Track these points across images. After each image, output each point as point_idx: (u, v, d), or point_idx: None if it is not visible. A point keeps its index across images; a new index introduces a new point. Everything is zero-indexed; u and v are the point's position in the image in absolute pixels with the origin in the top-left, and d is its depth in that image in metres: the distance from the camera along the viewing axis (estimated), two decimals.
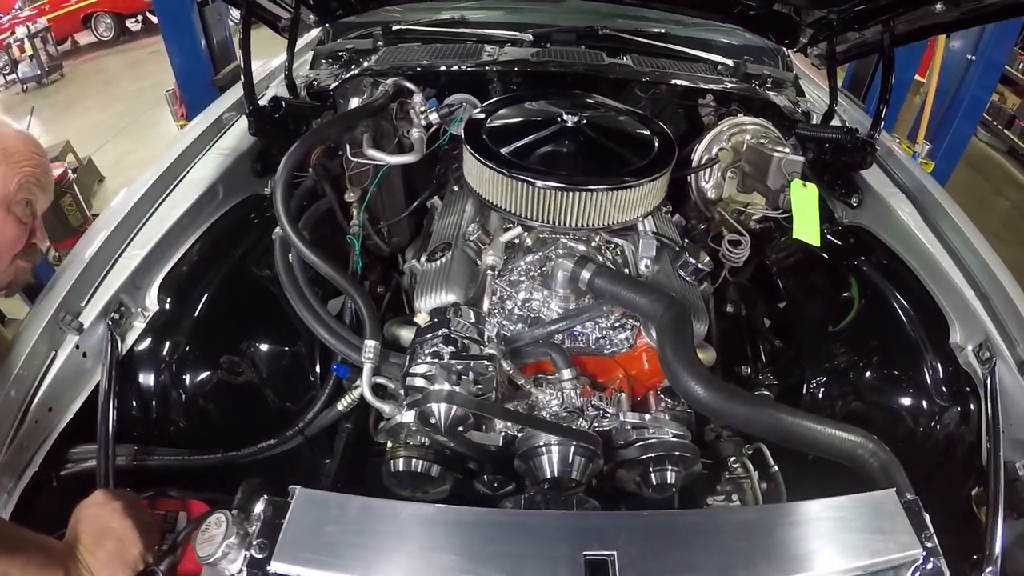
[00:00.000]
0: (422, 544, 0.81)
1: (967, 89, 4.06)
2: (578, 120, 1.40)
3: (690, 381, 1.02)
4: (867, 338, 1.44)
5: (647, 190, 1.31)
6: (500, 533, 0.80)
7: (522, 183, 1.27)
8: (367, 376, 1.24)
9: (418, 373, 1.10)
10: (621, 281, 1.22)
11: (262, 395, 1.47)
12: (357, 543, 0.81)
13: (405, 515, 0.84)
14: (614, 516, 0.91)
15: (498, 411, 1.12)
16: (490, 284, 1.27)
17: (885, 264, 1.52)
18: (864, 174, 1.71)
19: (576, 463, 1.19)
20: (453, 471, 1.28)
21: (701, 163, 1.82)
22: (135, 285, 1.33)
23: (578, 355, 1.35)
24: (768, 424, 0.97)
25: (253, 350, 1.47)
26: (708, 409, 1.02)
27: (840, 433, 0.96)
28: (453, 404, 1.06)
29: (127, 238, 1.40)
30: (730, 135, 1.82)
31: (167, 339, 1.34)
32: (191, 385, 1.35)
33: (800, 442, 0.98)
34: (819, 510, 0.87)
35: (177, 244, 1.45)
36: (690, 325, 1.13)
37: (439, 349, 1.11)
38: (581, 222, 1.29)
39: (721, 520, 0.88)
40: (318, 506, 0.85)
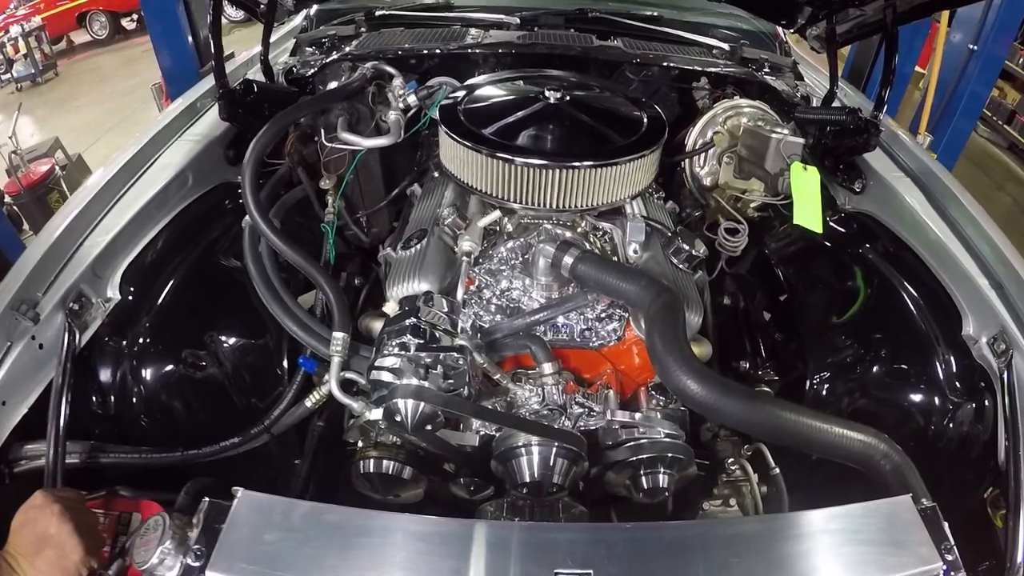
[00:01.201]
0: (371, 557, 0.71)
1: (967, 84, 3.96)
2: (561, 97, 1.29)
3: (682, 375, 0.91)
4: (874, 330, 1.33)
5: (635, 168, 1.20)
6: (461, 547, 0.70)
7: (500, 161, 1.16)
8: (335, 370, 1.14)
9: (384, 367, 1.00)
10: (606, 267, 1.11)
11: (227, 391, 1.38)
12: (300, 553, 0.73)
13: (356, 523, 0.75)
14: (592, 529, 0.80)
15: (470, 408, 1.01)
16: (465, 271, 1.16)
17: (892, 252, 1.41)
18: (868, 158, 1.60)
19: (558, 465, 1.08)
20: (427, 473, 1.18)
21: (695, 148, 1.72)
22: (96, 274, 1.25)
23: (561, 349, 1.24)
24: (769, 422, 0.86)
25: (218, 343, 1.38)
26: (702, 406, 0.91)
27: (848, 432, 0.85)
28: (420, 400, 0.96)
29: (90, 226, 1.32)
30: (725, 118, 1.72)
31: (128, 331, 1.27)
32: (152, 380, 1.28)
33: (804, 442, 0.87)
34: (825, 520, 0.76)
35: (142, 232, 1.37)
36: (682, 314, 1.02)
37: (406, 340, 1.00)
38: (564, 202, 1.17)
39: (714, 533, 0.77)
40: (261, 511, 0.77)
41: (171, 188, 1.45)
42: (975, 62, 3.85)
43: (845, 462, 0.87)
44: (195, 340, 1.36)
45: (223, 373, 1.37)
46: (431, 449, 1.10)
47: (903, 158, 1.62)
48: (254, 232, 1.45)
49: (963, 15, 3.87)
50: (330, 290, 1.25)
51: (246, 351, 1.41)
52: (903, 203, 1.46)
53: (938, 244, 1.35)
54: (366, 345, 1.24)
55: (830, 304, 1.44)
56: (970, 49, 3.79)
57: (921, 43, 4.13)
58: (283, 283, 1.38)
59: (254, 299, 1.37)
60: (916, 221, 1.42)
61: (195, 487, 0.92)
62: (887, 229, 1.46)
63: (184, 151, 1.56)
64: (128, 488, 1.12)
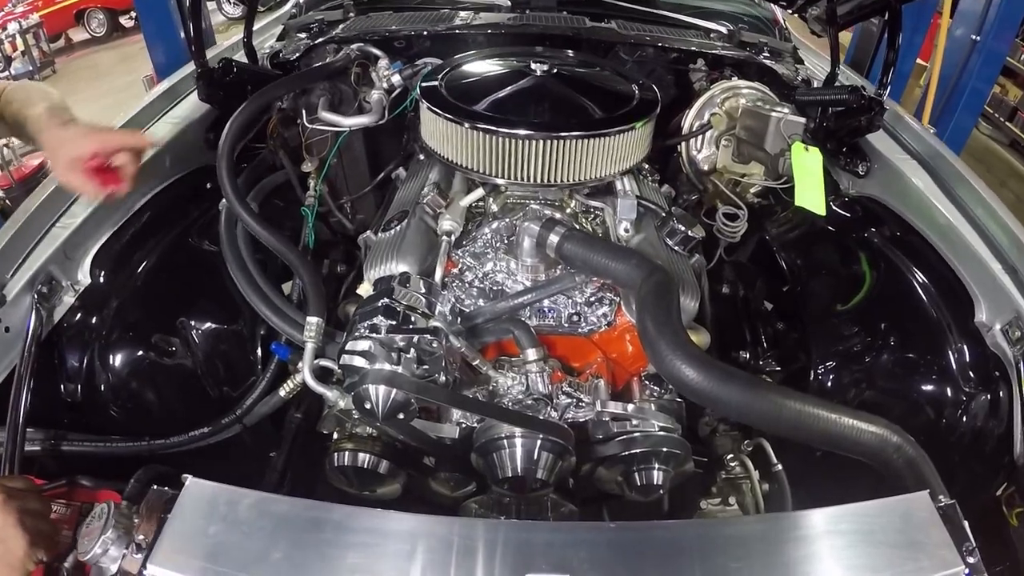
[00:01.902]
0: (318, 552, 0.63)
1: (969, 78, 3.88)
2: (549, 69, 1.21)
3: (676, 360, 0.82)
4: (881, 318, 1.24)
5: (625, 141, 1.11)
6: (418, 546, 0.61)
7: (482, 133, 1.07)
8: (308, 357, 1.06)
9: (354, 351, 0.91)
10: (594, 245, 1.02)
11: (199, 379, 1.31)
12: (244, 546, 0.66)
13: (305, 516, 0.67)
14: (571, 528, 0.72)
15: (445, 396, 0.93)
16: (445, 251, 1.07)
17: (898, 236, 1.32)
18: (872, 141, 1.51)
19: (543, 459, 1.00)
20: (405, 468, 1.09)
21: (692, 130, 1.63)
22: (67, 256, 1.19)
23: (548, 335, 1.15)
24: (771, 412, 0.78)
25: (189, 329, 1.31)
26: (699, 394, 0.82)
27: (858, 423, 0.77)
28: (391, 386, 0.87)
29: (62, 207, 1.26)
30: (723, 99, 1.63)
31: (97, 315, 1.20)
32: (120, 366, 1.21)
33: (810, 434, 0.78)
34: (835, 519, 0.67)
35: (115, 214, 1.30)
36: (676, 295, 0.93)
37: (378, 322, 0.92)
38: (550, 176, 1.09)
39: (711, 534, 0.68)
40: (208, 500, 0.72)
41: (147, 170, 1.36)
42: (977, 56, 3.77)
43: (854, 456, 0.79)
44: (166, 326, 1.29)
45: (195, 361, 1.29)
46: (407, 441, 1.01)
47: (908, 140, 1.54)
48: (231, 215, 1.38)
49: (965, 8, 3.79)
50: (305, 273, 1.18)
51: (219, 337, 1.33)
52: (909, 185, 1.38)
53: (947, 227, 1.27)
54: (343, 332, 1.15)
55: (835, 291, 1.35)
56: (972, 40, 3.71)
57: (922, 36, 4.05)
58: (259, 267, 1.30)
59: (229, 284, 1.30)
60: (923, 204, 1.33)
61: (147, 475, 0.86)
62: (893, 213, 1.37)
63: (162, 133, 1.49)
64: (91, 478, 1.05)
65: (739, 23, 2.03)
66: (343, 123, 1.45)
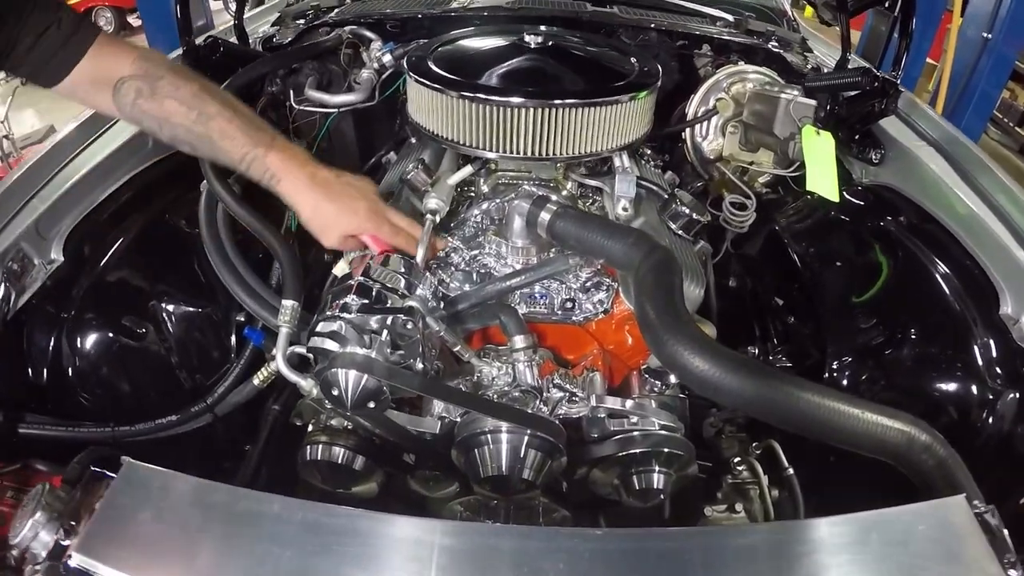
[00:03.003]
0: (250, 545, 0.56)
1: (979, 79, 3.79)
2: (543, 42, 1.12)
3: (678, 345, 0.72)
4: (900, 310, 1.14)
5: (624, 113, 1.02)
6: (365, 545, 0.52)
7: (470, 103, 0.98)
8: (282, 343, 0.96)
9: (323, 332, 0.82)
10: (588, 222, 0.93)
11: (171, 365, 1.23)
12: (172, 534, 0.61)
13: (244, 507, 0.60)
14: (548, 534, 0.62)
15: (421, 383, 0.83)
16: (428, 230, 0.98)
17: (916, 224, 1.23)
18: (886, 127, 1.42)
19: (530, 457, 0.90)
20: (383, 465, 1.00)
21: (697, 116, 1.55)
22: (40, 234, 1.13)
23: (539, 324, 1.06)
24: (786, 405, 0.68)
25: (162, 312, 1.23)
26: (704, 383, 0.72)
27: (883, 419, 0.67)
28: (361, 371, 0.78)
29: (38, 185, 1.19)
30: (729, 84, 1.54)
31: (66, 295, 1.13)
32: (88, 349, 1.14)
33: (829, 430, 0.68)
34: (858, 527, 0.58)
35: (92, 194, 1.24)
36: (679, 275, 0.83)
37: (349, 301, 0.83)
38: (543, 149, 0.99)
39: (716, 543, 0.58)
40: (143, 485, 0.66)
41: (127, 150, 1.32)
42: (987, 57, 3.68)
43: (877, 456, 0.69)
44: (139, 308, 1.22)
45: (167, 346, 1.21)
46: (383, 435, 0.92)
47: (923, 127, 1.44)
48: (211, 196, 1.31)
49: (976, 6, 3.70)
50: (283, 253, 1.09)
51: (193, 322, 1.25)
52: (927, 172, 1.28)
53: (968, 215, 1.17)
54: None
55: (850, 281, 1.25)
56: (983, 39, 3.61)
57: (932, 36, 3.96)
58: (237, 249, 1.22)
59: (206, 267, 1.22)
60: (942, 191, 1.24)
61: (89, 457, 0.79)
62: (910, 201, 1.28)
63: None
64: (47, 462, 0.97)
65: (746, 12, 1.95)
66: (330, 102, 1.38)
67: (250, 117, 0.95)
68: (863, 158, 1.42)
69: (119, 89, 0.90)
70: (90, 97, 0.94)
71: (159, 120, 0.92)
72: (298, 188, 0.94)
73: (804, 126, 1.27)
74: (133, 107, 0.91)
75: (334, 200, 0.94)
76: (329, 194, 0.94)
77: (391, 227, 0.98)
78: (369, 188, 1.00)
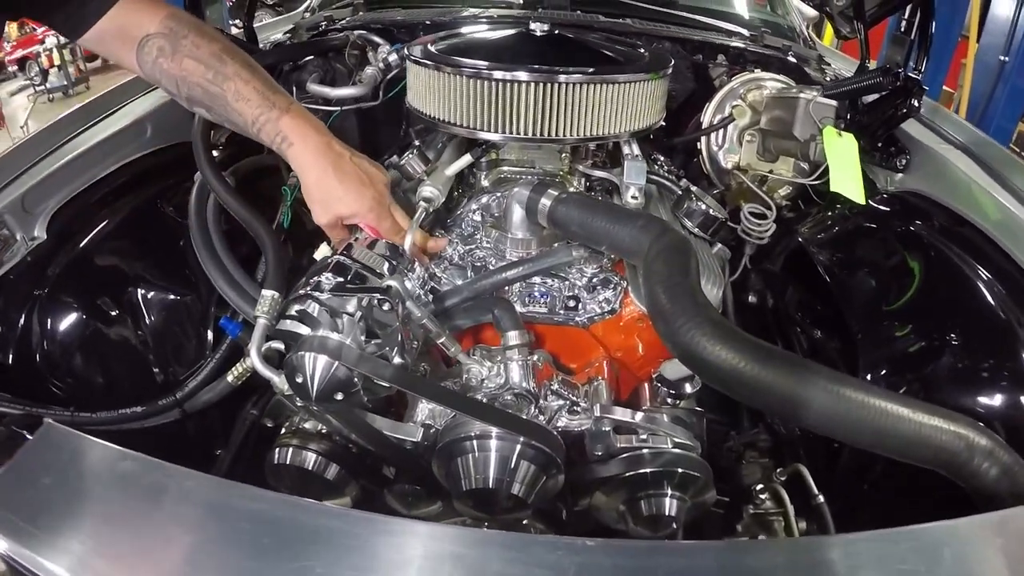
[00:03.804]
0: (150, 515, 0.51)
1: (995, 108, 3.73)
2: (549, 29, 1.06)
3: (695, 331, 0.62)
4: (937, 318, 1.03)
5: (634, 93, 0.94)
6: (275, 532, 0.42)
7: (468, 79, 0.91)
8: (258, 334, 0.87)
9: (293, 314, 0.73)
10: (593, 207, 0.84)
11: (145, 356, 1.15)
12: (70, 502, 0.55)
13: (151, 477, 0.55)
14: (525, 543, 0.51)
15: (393, 374, 0.73)
16: (419, 218, 0.90)
17: (949, 228, 1.13)
18: (910, 131, 1.34)
19: (521, 470, 0.79)
20: (360, 477, 0.89)
21: (713, 124, 1.48)
22: (25, 209, 1.08)
23: (539, 325, 0.96)
24: (823, 403, 0.57)
25: (139, 298, 1.17)
26: (725, 376, 0.62)
27: (937, 421, 0.56)
28: (330, 356, 0.69)
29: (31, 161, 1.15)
30: (746, 91, 1.48)
31: (43, 273, 1.08)
32: (59, 328, 1.07)
33: (873, 434, 0.56)
34: (929, 541, 0.46)
35: (84, 175, 1.19)
36: (694, 257, 0.74)
37: (323, 280, 0.74)
38: (547, 129, 0.91)
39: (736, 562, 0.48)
40: (59, 448, 0.61)
41: (125, 135, 1.28)
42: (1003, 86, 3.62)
43: (929, 465, 0.57)
44: (116, 292, 1.16)
45: (140, 336, 1.14)
46: (358, 440, 0.82)
47: (948, 131, 1.36)
48: (203, 186, 1.26)
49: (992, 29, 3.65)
50: (268, 242, 1.02)
51: (171, 311, 1.18)
52: (957, 174, 1.18)
53: (1005, 217, 1.07)
54: None
55: (880, 289, 1.15)
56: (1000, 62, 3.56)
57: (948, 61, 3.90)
58: (223, 239, 1.16)
59: (191, 257, 1.16)
60: (973, 193, 1.14)
61: (14, 420, 0.71)
62: (940, 205, 1.18)
63: (147, 103, 1.40)
64: None
65: (761, 28, 1.91)
66: (330, 95, 1.33)
67: (268, 81, 0.91)
68: (888, 165, 1.33)
69: (143, 46, 0.88)
70: (115, 50, 0.91)
71: (176, 79, 0.89)
72: (308, 153, 0.88)
73: (825, 127, 1.19)
74: (154, 66, 0.88)
75: (342, 177, 0.88)
76: (339, 169, 0.89)
77: (392, 224, 0.90)
78: (381, 177, 0.94)
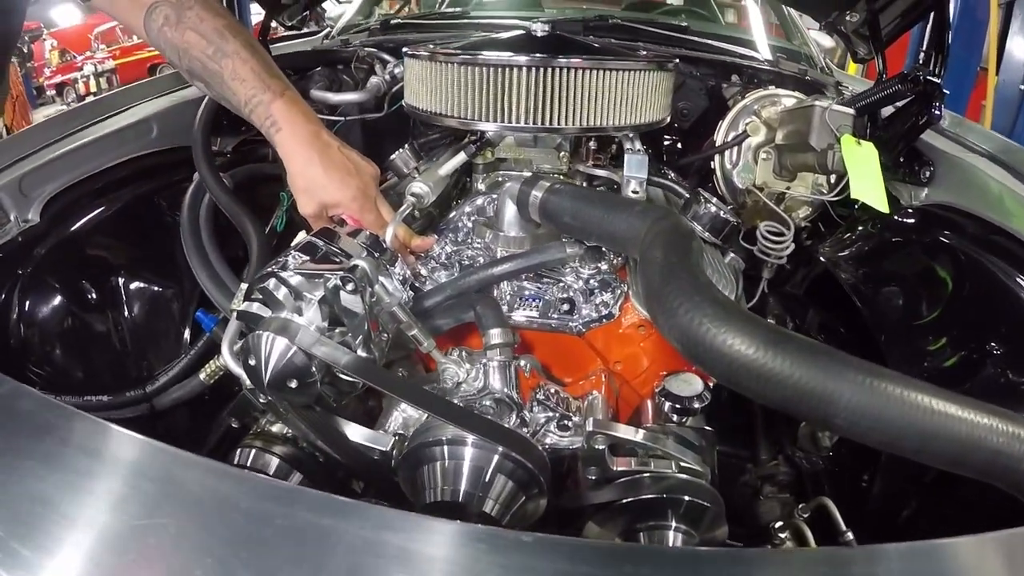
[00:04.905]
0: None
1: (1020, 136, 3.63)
2: (552, 30, 1.02)
3: (694, 313, 0.52)
4: (973, 330, 0.92)
5: (635, 83, 0.88)
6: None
7: (463, 67, 0.87)
8: (232, 328, 0.80)
9: (256, 296, 0.67)
10: (587, 196, 0.77)
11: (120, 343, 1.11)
12: None
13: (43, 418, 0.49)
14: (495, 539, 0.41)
15: (356, 365, 0.64)
16: (404, 211, 0.84)
17: (980, 236, 1.03)
18: (932, 142, 1.26)
19: (497, 485, 0.68)
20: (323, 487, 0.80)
21: (727, 142, 1.41)
22: (22, 191, 1.08)
23: (529, 332, 0.88)
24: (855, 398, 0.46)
25: (121, 286, 1.14)
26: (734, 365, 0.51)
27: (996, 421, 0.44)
28: (287, 339, 0.61)
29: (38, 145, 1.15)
30: (760, 107, 1.42)
31: (28, 253, 1.06)
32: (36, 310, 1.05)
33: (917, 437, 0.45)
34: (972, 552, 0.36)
35: (85, 165, 1.19)
36: (695, 240, 0.65)
37: (289, 260, 0.68)
38: (544, 116, 0.85)
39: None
40: None
41: (130, 132, 1.28)
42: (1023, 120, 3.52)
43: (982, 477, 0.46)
44: (99, 279, 1.14)
45: (118, 326, 1.11)
46: (321, 446, 0.74)
47: (973, 141, 1.27)
48: (200, 185, 1.24)
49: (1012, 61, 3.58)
50: (255, 237, 0.98)
51: (152, 303, 1.15)
52: (986, 182, 1.09)
53: None
54: None
55: (910, 304, 1.04)
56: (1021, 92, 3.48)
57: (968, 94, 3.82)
58: (213, 239, 1.13)
59: (179, 254, 1.13)
60: (1006, 200, 1.04)
61: None
62: (970, 214, 1.09)
63: (155, 105, 1.40)
64: None
65: (777, 55, 1.87)
66: (331, 99, 1.31)
67: (267, 64, 0.89)
68: (911, 180, 1.24)
69: (151, 12, 0.88)
70: (125, 14, 0.92)
71: (178, 50, 0.89)
72: (295, 141, 0.86)
73: (843, 135, 1.12)
74: (159, 33, 0.89)
75: (328, 166, 0.86)
76: (325, 157, 0.86)
77: (376, 217, 0.87)
78: (368, 169, 0.91)
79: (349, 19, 2.17)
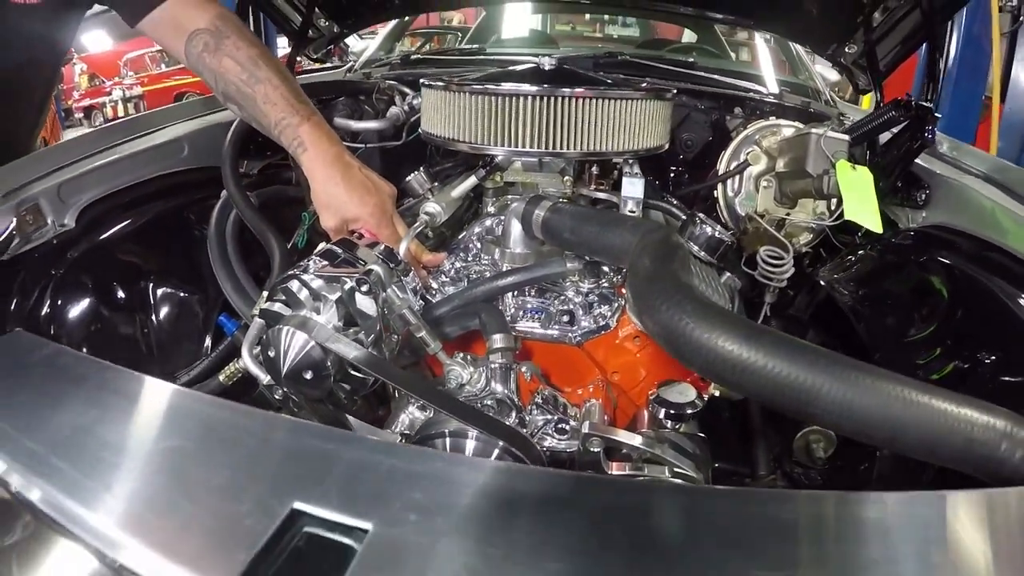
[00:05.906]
0: None
1: None
2: (559, 63, 1.10)
3: (673, 307, 0.56)
4: (969, 338, 0.94)
5: (637, 111, 0.94)
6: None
7: (474, 95, 0.94)
8: (252, 333, 0.86)
9: (278, 297, 0.73)
10: (585, 214, 0.83)
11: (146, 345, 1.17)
12: None
13: None
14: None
15: (368, 360, 0.69)
16: (417, 228, 0.91)
17: (975, 253, 1.06)
18: (929, 166, 1.30)
19: None
20: None
21: (729, 171, 1.47)
22: (60, 198, 1.15)
23: (531, 342, 0.93)
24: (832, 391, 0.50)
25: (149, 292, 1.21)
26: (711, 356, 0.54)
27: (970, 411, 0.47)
28: (306, 333, 0.67)
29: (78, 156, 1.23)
30: (761, 137, 1.48)
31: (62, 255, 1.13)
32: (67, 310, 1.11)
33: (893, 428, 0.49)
34: None
35: (121, 177, 1.27)
36: (683, 249, 0.70)
37: (309, 263, 0.75)
38: (550, 141, 0.92)
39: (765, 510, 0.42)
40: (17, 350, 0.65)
41: (164, 150, 1.38)
42: None
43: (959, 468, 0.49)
44: (128, 283, 1.20)
45: (144, 330, 1.17)
46: None
47: (968, 163, 1.30)
48: (228, 202, 1.32)
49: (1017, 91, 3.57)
50: (277, 249, 1.05)
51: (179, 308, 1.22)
52: (981, 203, 1.11)
53: None
54: None
55: (906, 320, 1.06)
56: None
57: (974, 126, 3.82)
58: (239, 252, 1.20)
59: (205, 265, 1.20)
60: (998, 217, 1.07)
61: None
62: (964, 233, 1.11)
63: (187, 126, 1.50)
64: None
65: (781, 88, 1.94)
66: (352, 127, 1.39)
67: (296, 90, 0.99)
68: (908, 203, 1.28)
69: (191, 39, 0.97)
70: (166, 39, 1.02)
71: (215, 74, 0.98)
72: (320, 161, 0.95)
73: (839, 160, 1.17)
74: (198, 59, 0.98)
75: (349, 183, 0.94)
76: (347, 176, 0.94)
77: (392, 232, 0.95)
78: (386, 189, 0.99)
79: (371, 54, 2.29)
